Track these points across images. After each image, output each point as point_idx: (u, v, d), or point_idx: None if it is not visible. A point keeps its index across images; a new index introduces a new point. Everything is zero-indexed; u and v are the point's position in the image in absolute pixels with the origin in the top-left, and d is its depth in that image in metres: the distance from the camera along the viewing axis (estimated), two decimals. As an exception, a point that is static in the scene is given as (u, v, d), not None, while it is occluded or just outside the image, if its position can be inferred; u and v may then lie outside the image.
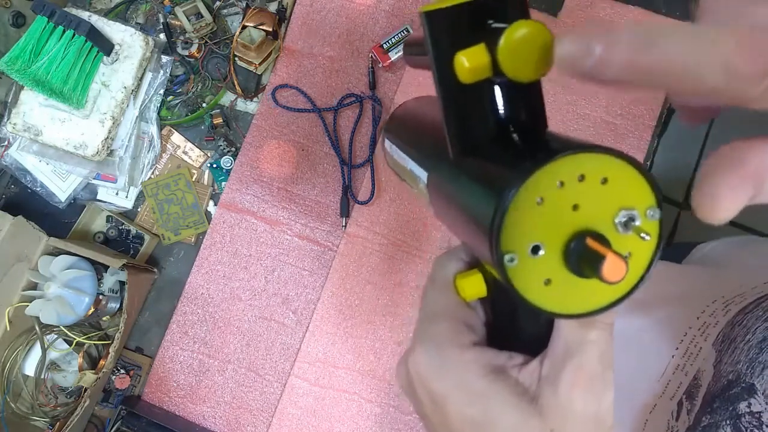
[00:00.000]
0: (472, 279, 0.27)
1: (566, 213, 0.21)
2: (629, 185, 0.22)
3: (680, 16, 0.65)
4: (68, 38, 0.60)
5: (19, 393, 0.65)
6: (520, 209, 0.21)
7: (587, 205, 0.22)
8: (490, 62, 0.23)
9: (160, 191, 0.67)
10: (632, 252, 0.22)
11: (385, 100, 0.67)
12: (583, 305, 0.23)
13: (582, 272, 0.22)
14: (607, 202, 0.22)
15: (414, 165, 0.33)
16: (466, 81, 0.23)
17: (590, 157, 0.21)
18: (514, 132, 0.25)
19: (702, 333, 0.43)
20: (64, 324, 0.61)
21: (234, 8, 0.69)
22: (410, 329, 0.65)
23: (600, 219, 0.22)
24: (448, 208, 0.28)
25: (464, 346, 0.26)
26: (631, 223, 0.22)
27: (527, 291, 0.22)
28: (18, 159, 0.67)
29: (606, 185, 0.21)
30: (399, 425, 0.64)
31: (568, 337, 0.24)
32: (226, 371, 0.65)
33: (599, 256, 0.20)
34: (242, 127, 0.68)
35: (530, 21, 0.22)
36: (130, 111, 0.66)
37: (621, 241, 0.22)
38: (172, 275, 0.68)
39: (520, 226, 0.21)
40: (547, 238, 0.22)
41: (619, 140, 0.65)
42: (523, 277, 0.22)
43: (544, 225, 0.21)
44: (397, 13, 0.68)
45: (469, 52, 0.23)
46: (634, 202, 0.22)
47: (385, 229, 0.66)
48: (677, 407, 0.42)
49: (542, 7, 0.66)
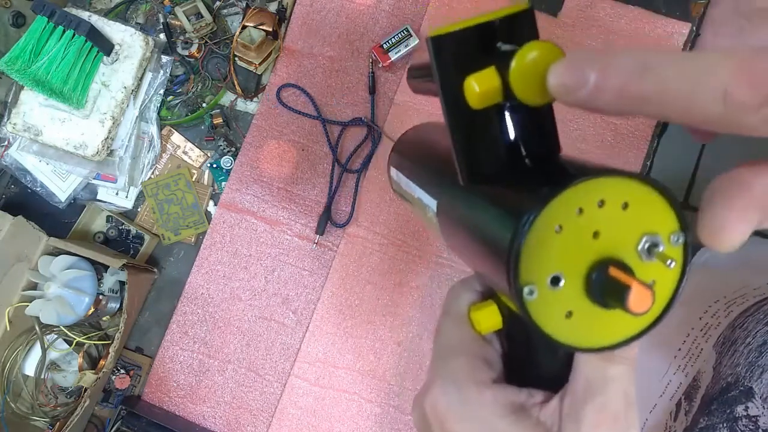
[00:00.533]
0: (487, 311, 0.26)
1: (586, 241, 0.20)
2: (651, 209, 0.21)
3: (680, 16, 0.65)
4: (68, 38, 0.60)
5: (19, 393, 0.65)
6: (539, 238, 0.20)
7: (608, 231, 0.20)
8: (501, 86, 0.22)
9: (160, 191, 0.67)
10: (656, 279, 0.21)
11: (385, 101, 0.67)
12: (606, 338, 0.22)
13: (606, 303, 0.20)
14: (628, 227, 0.21)
15: (422, 193, 0.32)
16: (477, 106, 0.22)
17: (610, 181, 0.20)
18: (526, 157, 0.24)
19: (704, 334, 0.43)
20: (64, 324, 0.61)
21: (234, 8, 0.69)
22: (410, 329, 0.65)
23: (622, 246, 0.21)
24: (461, 238, 0.26)
25: (483, 384, 0.25)
26: (655, 249, 0.20)
27: (547, 325, 0.21)
28: (18, 159, 0.67)
29: (627, 210, 0.20)
30: (399, 425, 0.64)
31: (589, 374, 0.23)
32: (226, 371, 0.65)
33: (624, 286, 0.19)
34: (242, 127, 0.68)
35: (542, 42, 0.21)
36: (130, 111, 0.66)
37: (644, 268, 0.21)
38: (172, 275, 0.68)
39: (539, 256, 0.20)
40: (568, 267, 0.20)
41: (619, 140, 0.65)
42: (543, 310, 0.21)
43: (564, 254, 0.20)
44: (397, 13, 0.68)
45: (480, 76, 0.22)
46: (657, 227, 0.21)
47: (385, 229, 0.66)
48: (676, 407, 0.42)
49: (542, 7, 0.66)
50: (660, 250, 0.21)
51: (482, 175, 0.25)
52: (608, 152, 0.65)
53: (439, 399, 0.26)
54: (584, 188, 0.20)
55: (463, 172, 0.25)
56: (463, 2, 0.67)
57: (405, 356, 0.65)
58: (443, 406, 0.26)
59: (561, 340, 0.21)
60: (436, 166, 0.32)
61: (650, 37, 0.65)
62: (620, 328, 0.22)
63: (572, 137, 0.65)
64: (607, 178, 0.20)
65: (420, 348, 0.65)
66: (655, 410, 0.44)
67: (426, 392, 0.27)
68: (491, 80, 0.22)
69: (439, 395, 0.26)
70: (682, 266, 0.21)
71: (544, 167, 0.24)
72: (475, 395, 0.25)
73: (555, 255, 0.20)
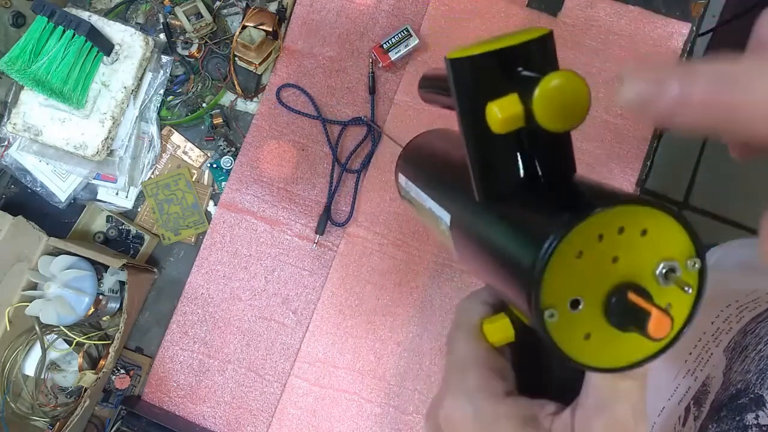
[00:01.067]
0: (500, 324, 0.26)
1: (606, 266, 0.21)
2: (668, 236, 0.21)
3: (680, 16, 0.65)
4: (68, 38, 0.60)
5: (19, 393, 0.65)
6: (560, 264, 0.20)
7: (627, 257, 0.21)
8: (524, 112, 0.22)
9: (160, 191, 0.67)
10: (672, 303, 0.22)
11: (385, 101, 0.67)
12: (621, 359, 0.22)
13: (625, 328, 0.21)
14: (646, 253, 0.21)
15: (434, 205, 0.32)
16: (499, 131, 0.23)
17: (630, 209, 0.20)
18: (543, 177, 0.25)
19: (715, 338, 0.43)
20: (64, 324, 0.61)
21: (234, 8, 0.69)
22: (410, 329, 0.65)
23: (640, 271, 0.21)
24: (476, 255, 0.27)
25: (497, 396, 0.25)
26: (672, 274, 0.21)
27: (566, 345, 0.21)
28: (18, 159, 0.67)
29: (645, 236, 0.21)
30: (399, 425, 0.64)
31: (599, 388, 0.23)
32: (226, 371, 0.65)
33: (643, 311, 0.20)
34: (242, 127, 0.68)
35: (565, 71, 0.21)
36: (130, 111, 0.66)
37: (661, 292, 0.21)
38: (172, 275, 0.68)
39: (560, 280, 0.21)
40: (587, 291, 0.21)
41: (619, 140, 0.65)
42: (562, 331, 0.21)
43: (584, 278, 0.21)
44: (397, 13, 0.68)
45: (502, 102, 0.22)
46: (674, 253, 0.21)
47: (385, 229, 0.66)
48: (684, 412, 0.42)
49: (542, 7, 0.66)
50: (677, 275, 0.21)
51: (498, 193, 0.25)
52: (608, 152, 0.65)
53: (454, 412, 0.26)
54: (606, 216, 0.20)
55: (480, 189, 0.25)
56: (462, 2, 0.67)
57: (405, 356, 0.64)
58: (458, 419, 0.26)
59: (579, 360, 0.22)
60: (450, 179, 0.32)
61: (650, 37, 0.65)
62: (635, 350, 0.22)
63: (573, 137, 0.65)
64: (628, 206, 0.20)
65: (420, 348, 0.65)
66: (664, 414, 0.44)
67: (439, 405, 0.27)
68: (514, 107, 0.22)
69: (454, 408, 0.26)
70: (698, 291, 0.22)
71: (561, 189, 0.24)
72: (489, 408, 0.25)
73: (575, 279, 0.21)
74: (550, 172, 0.25)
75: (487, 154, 0.25)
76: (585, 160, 0.65)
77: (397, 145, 0.67)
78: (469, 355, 0.27)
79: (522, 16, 0.67)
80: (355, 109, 0.67)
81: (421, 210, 0.35)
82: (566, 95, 0.21)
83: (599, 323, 0.21)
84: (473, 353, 0.27)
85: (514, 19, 0.67)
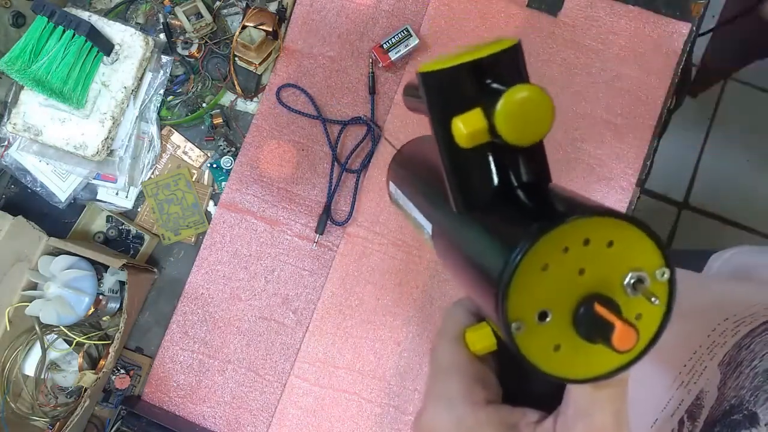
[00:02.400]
0: (482, 333, 0.27)
1: (572, 278, 0.21)
2: (636, 247, 0.21)
3: (680, 16, 0.65)
4: (68, 38, 0.60)
5: (19, 393, 0.65)
6: (525, 277, 0.20)
7: (594, 268, 0.21)
8: (488, 127, 0.22)
9: (160, 191, 0.67)
10: (642, 313, 0.22)
11: (385, 101, 0.67)
12: (592, 369, 0.22)
13: (592, 339, 0.21)
14: (614, 264, 0.21)
15: (418, 215, 0.33)
16: (465, 146, 0.23)
17: (593, 221, 0.20)
18: (518, 187, 0.25)
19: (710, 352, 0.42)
20: (64, 324, 0.61)
21: (234, 8, 0.69)
22: (410, 329, 0.65)
23: (608, 282, 0.21)
24: (454, 264, 0.27)
25: (477, 404, 0.26)
26: (640, 285, 0.21)
27: (535, 357, 0.21)
28: (18, 159, 0.67)
29: (612, 248, 0.21)
30: (399, 425, 0.64)
31: (579, 396, 0.24)
32: (226, 371, 0.65)
33: (609, 324, 0.20)
34: (242, 127, 0.68)
35: (527, 85, 0.21)
36: (130, 111, 0.66)
37: (631, 303, 0.21)
38: (172, 275, 0.68)
39: (527, 292, 0.21)
40: (554, 304, 0.21)
41: (619, 140, 0.65)
42: (531, 343, 0.21)
43: (551, 291, 0.21)
44: (397, 13, 0.68)
45: (466, 117, 0.22)
46: (643, 263, 0.21)
47: (385, 229, 0.66)
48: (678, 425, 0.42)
49: (542, 7, 0.66)
50: (645, 286, 0.21)
51: (473, 204, 0.25)
52: (608, 152, 0.65)
53: (434, 418, 0.26)
54: (569, 229, 0.20)
55: (456, 201, 0.26)
56: (462, 2, 0.67)
57: (405, 356, 0.65)
58: (438, 426, 0.26)
59: (548, 371, 0.22)
60: (431, 190, 0.32)
61: (650, 37, 0.65)
62: (606, 360, 0.22)
63: (573, 137, 0.65)
64: (590, 218, 0.20)
65: (420, 348, 0.65)
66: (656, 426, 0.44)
67: (422, 412, 0.28)
68: (477, 122, 0.22)
69: (434, 415, 0.27)
70: (668, 302, 0.22)
71: (534, 200, 0.24)
72: (469, 415, 0.25)
73: (542, 291, 0.21)
74: (524, 182, 0.25)
75: (459, 166, 0.25)
76: (585, 161, 0.65)
77: (395, 148, 0.67)
78: (450, 363, 0.27)
79: (522, 16, 0.67)
80: (355, 109, 0.67)
81: (408, 217, 0.36)
82: (527, 109, 0.21)
83: (568, 335, 0.21)
84: (455, 361, 0.27)
85: (514, 19, 0.67)
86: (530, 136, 0.21)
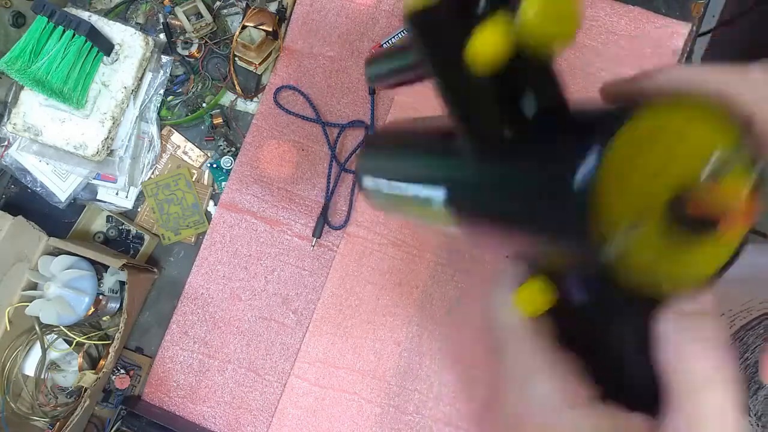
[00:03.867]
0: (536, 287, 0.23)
1: (654, 177, 0.19)
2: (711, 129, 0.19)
3: (680, 16, 0.65)
4: (68, 38, 0.60)
5: (19, 393, 0.65)
6: (608, 180, 0.18)
7: (671, 163, 0.19)
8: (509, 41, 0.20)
9: (160, 191, 0.67)
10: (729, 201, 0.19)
11: (385, 101, 0.67)
12: (692, 278, 0.20)
13: (695, 235, 0.19)
14: (692, 153, 0.19)
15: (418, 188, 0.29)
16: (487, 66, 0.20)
17: (661, 110, 0.18)
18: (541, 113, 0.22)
19: None
20: (64, 324, 0.61)
21: (234, 8, 0.69)
22: (410, 329, 0.65)
23: (691, 174, 0.19)
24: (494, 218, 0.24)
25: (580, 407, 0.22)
26: (725, 167, 0.19)
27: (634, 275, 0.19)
28: (18, 159, 0.67)
29: (684, 135, 0.19)
30: (399, 425, 0.64)
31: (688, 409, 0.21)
32: (226, 371, 0.65)
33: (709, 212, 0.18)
34: (242, 127, 0.68)
35: None
36: (130, 111, 0.66)
37: (717, 191, 0.19)
38: (172, 275, 0.68)
39: (612, 200, 0.18)
40: (642, 208, 0.19)
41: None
42: (626, 259, 0.19)
43: (635, 195, 0.18)
44: (397, 13, 0.68)
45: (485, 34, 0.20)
46: (720, 146, 0.19)
47: (385, 229, 0.66)
48: None
49: (542, 7, 0.66)
50: (730, 168, 0.19)
51: (500, 142, 0.23)
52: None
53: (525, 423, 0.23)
54: (640, 123, 0.18)
55: (478, 145, 0.23)
56: (463, 2, 0.67)
57: (405, 356, 0.64)
58: None
59: (651, 288, 0.19)
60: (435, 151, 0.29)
61: (650, 37, 0.65)
62: (705, 263, 0.20)
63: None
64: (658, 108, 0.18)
65: (420, 348, 0.65)
66: None
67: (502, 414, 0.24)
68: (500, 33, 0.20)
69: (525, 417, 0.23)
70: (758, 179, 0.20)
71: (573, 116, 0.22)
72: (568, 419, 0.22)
73: (626, 197, 0.18)
74: (547, 106, 0.23)
75: (477, 105, 0.22)
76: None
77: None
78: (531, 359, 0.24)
79: (522, 16, 0.67)
80: (355, 110, 0.67)
81: (400, 202, 0.32)
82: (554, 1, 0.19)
83: (662, 242, 0.19)
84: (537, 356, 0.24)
85: (514, 19, 0.67)
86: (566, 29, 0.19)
